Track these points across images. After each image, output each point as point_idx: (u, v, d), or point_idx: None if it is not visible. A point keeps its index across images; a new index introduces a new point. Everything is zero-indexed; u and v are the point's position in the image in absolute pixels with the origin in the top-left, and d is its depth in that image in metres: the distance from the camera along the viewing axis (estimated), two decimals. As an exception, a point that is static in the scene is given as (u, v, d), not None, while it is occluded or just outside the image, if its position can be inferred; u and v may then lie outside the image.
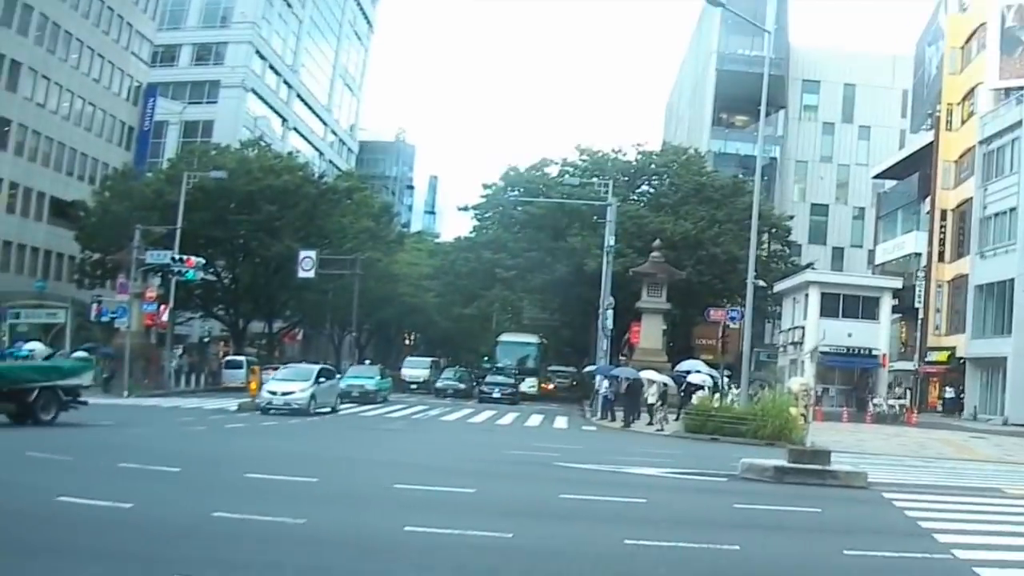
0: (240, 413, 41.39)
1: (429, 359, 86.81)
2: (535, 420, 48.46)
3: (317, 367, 48.27)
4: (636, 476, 23.08)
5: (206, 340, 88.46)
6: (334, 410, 45.53)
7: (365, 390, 55.49)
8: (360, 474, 21.85)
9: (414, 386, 73.52)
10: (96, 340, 63.24)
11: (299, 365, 52.01)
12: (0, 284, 69.56)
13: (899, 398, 62.60)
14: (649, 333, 62.53)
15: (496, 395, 63.51)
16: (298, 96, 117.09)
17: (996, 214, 63.22)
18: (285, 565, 11.65)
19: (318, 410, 43.25)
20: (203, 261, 60.96)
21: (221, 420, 36.86)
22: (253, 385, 47.83)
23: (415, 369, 78.57)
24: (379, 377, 59.40)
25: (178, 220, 59.24)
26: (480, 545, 13.17)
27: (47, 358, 54.40)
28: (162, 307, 61.40)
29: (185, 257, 57.62)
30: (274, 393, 42.19)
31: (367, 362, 77.46)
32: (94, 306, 64.32)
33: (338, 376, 51.40)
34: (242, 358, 67.41)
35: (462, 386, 70.29)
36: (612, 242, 56.66)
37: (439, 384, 70.86)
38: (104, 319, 62.03)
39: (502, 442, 33.91)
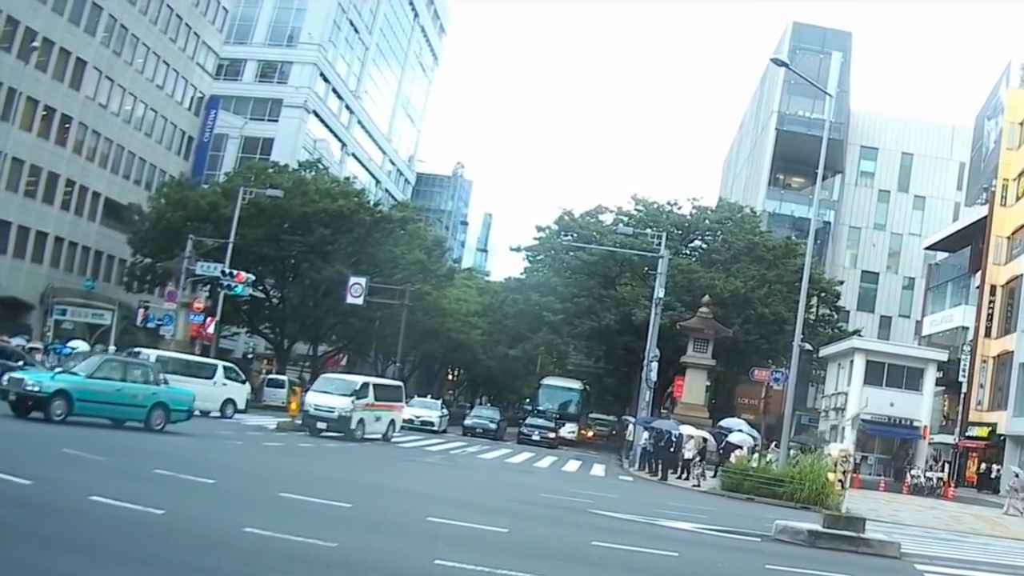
0: (279, 432, 41.29)
1: (361, 380, 46.06)
2: (572, 466, 48.24)
3: None
4: (669, 529, 22.91)
5: (250, 356, 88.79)
6: None
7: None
8: (394, 503, 21.76)
9: (322, 425, 41.31)
10: (140, 345, 63.67)
11: None
12: (50, 280, 70.16)
13: (939, 471, 62.00)
14: (692, 388, 62.22)
15: (535, 437, 63.33)
16: (359, 122, 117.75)
17: (1045, 292, 62.75)
18: (313, 586, 11.54)
19: None
20: (253, 277, 61.31)
21: (259, 437, 36.87)
22: (293, 406, 47.67)
23: (326, 395, 42.67)
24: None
25: (231, 234, 59.68)
26: (509, 585, 13.00)
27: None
28: (209, 319, 61.69)
29: (235, 272, 57.93)
30: None
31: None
32: (140, 311, 64.84)
33: None
34: (284, 378, 67.54)
35: (492, 426, 65.20)
36: (661, 294, 56.55)
37: (468, 422, 66.44)
38: (150, 325, 62.48)
39: (538, 485, 33.80)
